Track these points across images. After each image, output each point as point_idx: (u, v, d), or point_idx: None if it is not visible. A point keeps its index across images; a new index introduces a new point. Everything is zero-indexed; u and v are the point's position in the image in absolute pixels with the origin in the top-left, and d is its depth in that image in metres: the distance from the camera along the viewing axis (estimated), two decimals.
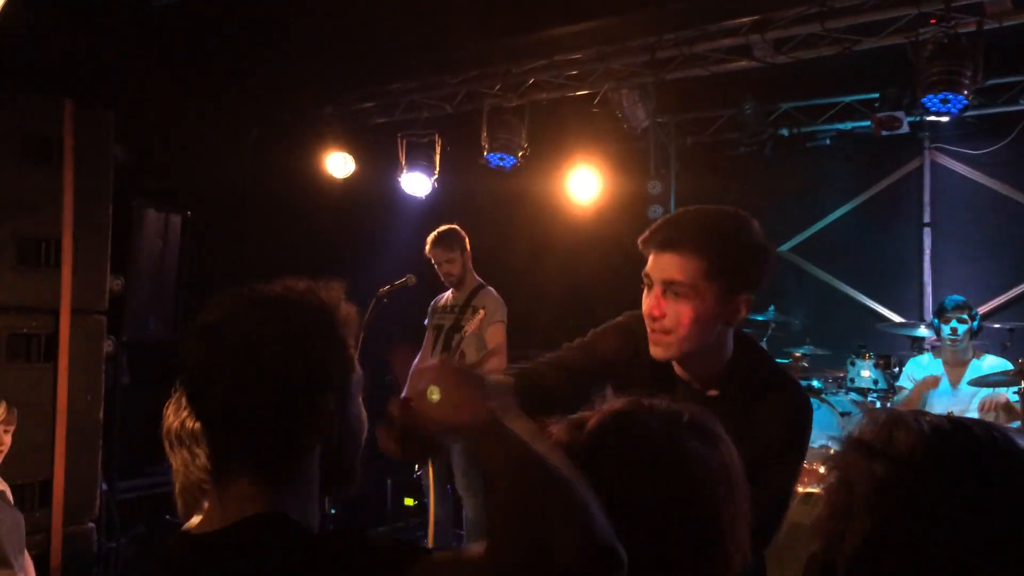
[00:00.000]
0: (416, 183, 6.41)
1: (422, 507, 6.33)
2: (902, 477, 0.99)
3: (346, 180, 6.60)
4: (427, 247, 5.12)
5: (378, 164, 6.73)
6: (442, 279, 5.17)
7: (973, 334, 5.05)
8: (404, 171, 6.40)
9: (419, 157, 6.39)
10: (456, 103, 6.43)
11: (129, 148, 5.49)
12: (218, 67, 5.91)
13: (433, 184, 6.44)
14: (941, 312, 5.12)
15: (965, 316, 4.98)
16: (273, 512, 1.22)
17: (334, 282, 1.39)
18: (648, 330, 1.90)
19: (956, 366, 5.10)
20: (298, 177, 6.53)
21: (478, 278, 5.18)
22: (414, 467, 5.25)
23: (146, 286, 4.95)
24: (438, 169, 6.42)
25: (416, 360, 5.29)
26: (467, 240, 5.13)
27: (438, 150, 6.41)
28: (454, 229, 5.14)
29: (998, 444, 0.99)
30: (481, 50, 5.97)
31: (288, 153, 6.56)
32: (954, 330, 5.01)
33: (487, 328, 4.85)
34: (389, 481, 6.40)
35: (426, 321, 5.33)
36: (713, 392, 1.94)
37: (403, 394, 1.42)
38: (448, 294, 5.24)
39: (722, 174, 7.44)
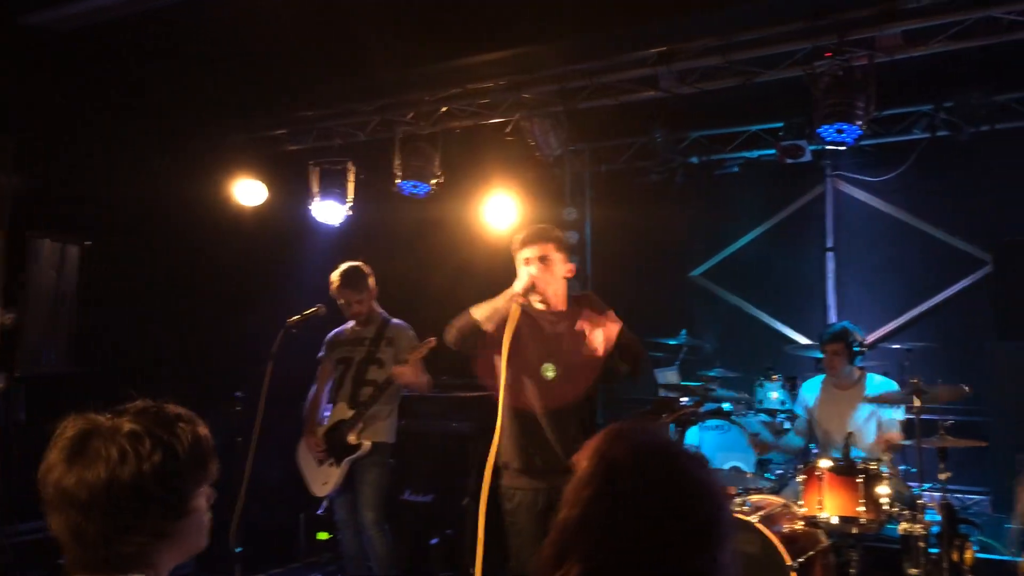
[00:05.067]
0: (329, 211, 6.34)
1: (336, 541, 6.21)
2: None
3: (257, 208, 6.48)
4: (333, 287, 4.98)
5: (290, 192, 6.64)
6: (348, 318, 5.09)
7: (854, 357, 5.22)
8: (316, 199, 6.33)
9: (332, 185, 6.32)
10: (369, 131, 6.40)
11: (26, 177, 5.32)
12: (123, 94, 5.76)
13: (347, 212, 6.38)
14: (821, 343, 5.33)
15: (840, 347, 5.15)
16: None
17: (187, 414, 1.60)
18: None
19: (844, 388, 5.27)
20: (207, 205, 6.39)
21: (381, 310, 5.12)
22: (321, 502, 5.14)
23: (41, 319, 4.77)
24: (351, 197, 6.36)
25: (311, 394, 5.20)
26: (371, 275, 5.04)
27: (351, 178, 6.36)
28: (358, 268, 5.01)
29: None
30: (394, 78, 5.95)
31: (196, 181, 6.41)
32: (830, 363, 5.22)
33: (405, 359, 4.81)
34: (301, 516, 6.26)
35: (321, 354, 5.20)
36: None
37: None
38: (350, 325, 5.14)
39: (635, 201, 7.58)
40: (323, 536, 6.24)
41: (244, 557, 4.72)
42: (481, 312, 3.57)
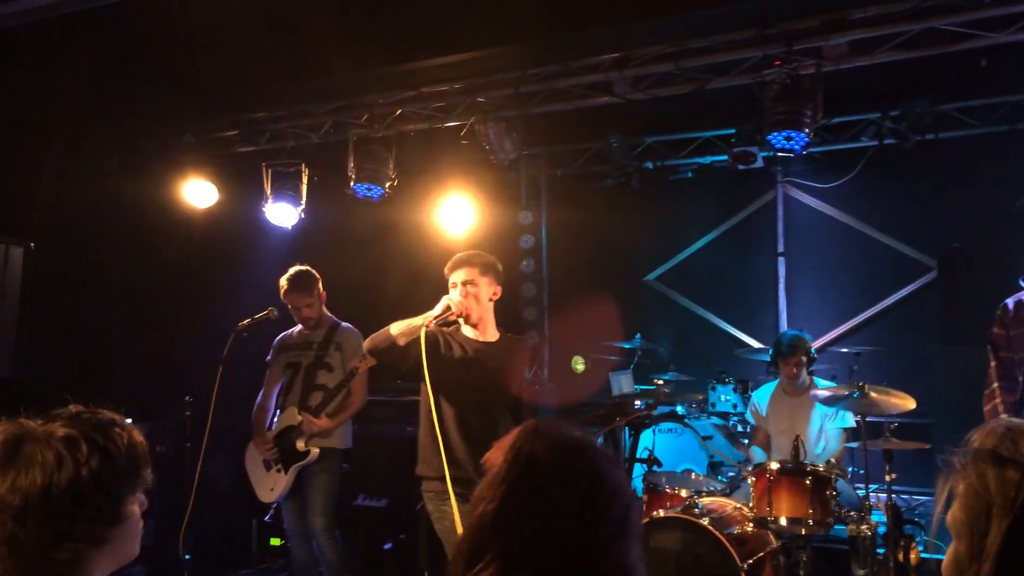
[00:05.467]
0: (282, 213, 6.26)
1: (288, 548, 6.15)
2: None
3: (208, 210, 6.39)
4: (282, 292, 4.92)
5: (242, 194, 6.55)
6: (298, 322, 5.03)
7: (811, 363, 5.31)
8: (269, 201, 6.25)
9: (285, 187, 6.23)
10: (322, 133, 6.35)
11: None
12: (70, 93, 5.65)
13: (300, 214, 6.31)
14: (779, 355, 5.35)
15: (801, 356, 5.23)
16: None
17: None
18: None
19: (795, 394, 5.35)
20: (156, 207, 6.28)
21: (330, 315, 5.08)
22: (271, 508, 5.09)
23: None
24: (304, 199, 6.30)
25: (259, 399, 5.14)
26: (319, 279, 5.00)
27: (304, 180, 6.28)
28: (307, 271, 4.97)
29: None
30: (348, 80, 5.92)
31: (145, 181, 6.30)
32: (789, 373, 5.28)
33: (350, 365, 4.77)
34: (254, 521, 6.18)
35: (269, 358, 5.14)
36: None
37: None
38: (299, 329, 5.09)
39: (591, 205, 7.63)
40: (276, 542, 6.16)
41: (194, 563, 4.65)
42: (397, 327, 3.72)
